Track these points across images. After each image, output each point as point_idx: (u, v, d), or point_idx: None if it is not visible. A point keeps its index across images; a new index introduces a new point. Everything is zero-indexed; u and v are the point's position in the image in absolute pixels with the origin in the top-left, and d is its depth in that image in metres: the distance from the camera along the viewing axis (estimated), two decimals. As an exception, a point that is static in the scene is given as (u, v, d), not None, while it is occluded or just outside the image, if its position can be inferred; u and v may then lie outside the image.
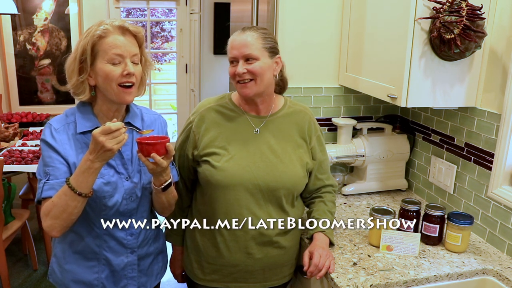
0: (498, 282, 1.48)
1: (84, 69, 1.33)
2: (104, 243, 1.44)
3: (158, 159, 1.29)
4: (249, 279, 1.57)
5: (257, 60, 1.45)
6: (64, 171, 1.33)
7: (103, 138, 1.21)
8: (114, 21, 1.33)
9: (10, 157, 2.87)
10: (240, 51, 1.45)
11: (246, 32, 1.47)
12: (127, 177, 1.41)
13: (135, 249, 1.49)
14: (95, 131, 1.23)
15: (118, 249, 1.46)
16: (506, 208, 1.59)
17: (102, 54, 1.31)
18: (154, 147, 1.29)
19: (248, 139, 1.53)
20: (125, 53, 1.32)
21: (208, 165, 1.51)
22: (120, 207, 1.41)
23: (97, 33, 1.30)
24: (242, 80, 1.47)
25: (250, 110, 1.56)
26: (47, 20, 4.53)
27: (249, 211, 1.50)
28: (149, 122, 1.50)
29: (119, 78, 1.32)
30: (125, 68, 1.32)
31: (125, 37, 1.33)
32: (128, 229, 1.45)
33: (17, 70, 4.55)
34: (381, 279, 1.42)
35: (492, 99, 1.64)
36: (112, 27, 1.31)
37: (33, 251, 3.16)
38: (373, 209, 1.63)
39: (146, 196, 1.47)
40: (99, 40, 1.30)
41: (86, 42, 1.30)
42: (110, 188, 1.38)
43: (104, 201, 1.38)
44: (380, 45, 1.77)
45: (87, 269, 1.46)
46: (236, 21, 2.71)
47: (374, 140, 2.06)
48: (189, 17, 4.97)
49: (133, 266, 1.49)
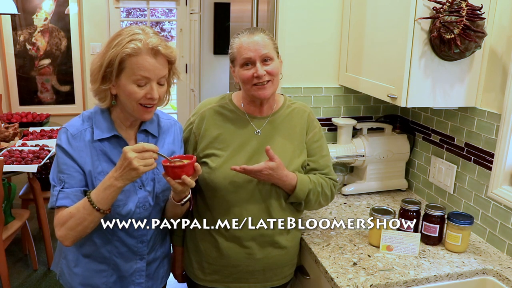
0: (498, 282, 1.48)
1: (108, 79, 1.28)
2: (115, 249, 1.43)
3: (188, 181, 1.28)
4: (249, 279, 1.57)
5: (272, 60, 1.45)
6: (79, 180, 1.31)
7: (132, 155, 1.19)
8: (148, 38, 1.26)
9: (10, 157, 2.86)
10: (258, 52, 1.43)
11: (255, 33, 1.46)
12: (140, 185, 1.39)
13: (145, 255, 1.48)
14: (126, 146, 1.21)
15: (128, 255, 1.45)
16: (506, 208, 1.59)
17: (129, 72, 1.26)
18: (183, 170, 1.27)
19: (248, 140, 1.53)
20: (153, 77, 1.27)
21: (206, 167, 1.50)
22: (133, 216, 1.39)
23: (127, 50, 1.23)
24: (261, 82, 1.45)
25: (252, 111, 1.56)
26: (47, 20, 4.53)
27: (248, 211, 1.50)
28: (166, 128, 1.48)
29: (142, 100, 1.29)
30: (149, 91, 1.28)
31: (156, 59, 1.27)
32: (139, 237, 1.44)
33: (17, 70, 4.55)
34: (381, 279, 1.42)
35: (492, 99, 1.64)
36: (144, 48, 1.24)
37: (33, 251, 3.16)
38: (373, 209, 1.63)
39: (158, 205, 1.45)
40: (128, 58, 1.24)
41: (115, 54, 1.24)
42: (123, 197, 1.36)
43: (118, 210, 1.36)
44: (380, 45, 1.77)
45: (96, 273, 1.45)
46: (236, 21, 2.71)
47: (374, 140, 2.06)
48: (189, 17, 4.97)
49: (141, 272, 1.49)
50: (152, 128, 1.44)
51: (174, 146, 1.49)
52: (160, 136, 1.46)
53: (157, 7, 6.94)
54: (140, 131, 1.41)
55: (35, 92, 4.65)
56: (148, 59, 1.25)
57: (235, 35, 1.51)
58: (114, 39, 1.27)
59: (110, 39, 1.29)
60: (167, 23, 9.29)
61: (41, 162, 2.81)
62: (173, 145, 1.49)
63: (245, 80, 1.46)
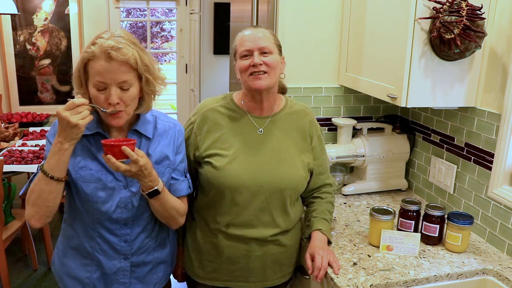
0: (498, 282, 1.48)
1: (80, 83, 1.31)
2: (97, 245, 1.43)
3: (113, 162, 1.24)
4: (249, 278, 1.57)
5: (271, 53, 1.48)
6: None
7: (66, 113, 1.19)
8: (106, 42, 1.24)
9: (10, 157, 2.87)
10: (256, 43, 1.46)
11: (258, 28, 1.52)
12: (125, 185, 1.39)
13: (129, 256, 1.46)
14: (58, 108, 1.21)
15: (111, 253, 1.44)
16: (506, 208, 1.59)
17: (90, 76, 1.28)
18: (110, 149, 1.25)
19: (251, 140, 1.53)
20: (108, 81, 1.25)
21: (210, 167, 1.50)
22: (113, 214, 1.38)
23: (85, 55, 1.25)
24: (256, 72, 1.46)
25: (253, 110, 1.56)
26: (47, 20, 4.53)
27: (250, 210, 1.50)
28: (162, 131, 1.45)
29: (104, 105, 1.28)
30: (107, 96, 1.27)
31: (110, 63, 1.24)
32: (121, 236, 1.43)
33: (17, 70, 4.54)
34: (381, 279, 1.42)
35: (492, 99, 1.64)
36: (98, 51, 1.23)
37: (33, 251, 3.16)
38: (373, 209, 1.63)
39: (143, 206, 1.42)
40: (88, 62, 1.26)
41: (81, 59, 1.27)
42: (104, 194, 1.36)
43: (96, 205, 1.37)
44: (380, 45, 1.78)
45: (81, 266, 1.46)
46: (236, 21, 2.71)
47: (374, 140, 2.06)
48: (189, 17, 4.97)
49: (125, 272, 1.47)
50: (146, 129, 1.41)
51: (168, 149, 1.45)
52: (154, 138, 1.43)
53: (157, 7, 6.94)
54: (131, 131, 1.40)
55: (35, 92, 4.65)
56: (101, 63, 1.24)
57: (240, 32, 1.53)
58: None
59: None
60: (167, 23, 9.30)
61: (41, 162, 2.81)
62: (167, 148, 1.45)
63: (242, 69, 1.48)
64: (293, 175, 1.53)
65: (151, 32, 9.36)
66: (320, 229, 1.57)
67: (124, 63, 1.25)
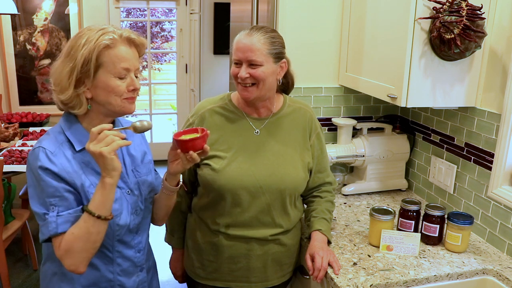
0: (498, 282, 1.48)
1: (82, 81, 1.19)
2: (118, 267, 1.35)
3: (195, 157, 1.26)
4: (250, 278, 1.57)
5: (261, 66, 1.43)
6: (73, 199, 1.21)
7: (89, 145, 1.13)
8: (119, 30, 1.21)
9: (10, 157, 2.87)
10: (245, 55, 1.42)
11: (253, 34, 1.43)
12: (128, 191, 1.33)
13: (144, 266, 1.42)
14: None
15: (131, 270, 1.38)
16: (506, 208, 1.59)
17: (109, 66, 1.18)
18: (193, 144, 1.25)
19: (249, 141, 1.53)
20: (132, 67, 1.22)
21: (209, 168, 1.50)
22: (131, 224, 1.33)
23: (104, 42, 1.16)
24: (243, 84, 1.46)
25: (250, 112, 1.56)
26: (47, 20, 4.53)
27: (251, 212, 1.50)
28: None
29: (125, 94, 1.22)
30: (131, 83, 1.22)
31: (131, 49, 1.23)
32: (135, 246, 1.38)
33: (17, 70, 4.54)
34: (381, 279, 1.42)
35: (492, 99, 1.64)
36: (119, 37, 1.19)
37: (33, 251, 3.16)
38: (373, 209, 1.63)
39: (147, 208, 1.40)
40: (105, 51, 1.17)
41: (90, 51, 1.16)
42: (118, 206, 1.28)
43: (116, 219, 1.28)
44: (380, 45, 1.77)
45: None
46: (236, 21, 2.71)
47: (374, 140, 2.06)
48: (189, 17, 4.97)
49: (144, 284, 1.43)
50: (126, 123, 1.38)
51: (145, 146, 1.44)
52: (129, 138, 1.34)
53: (157, 7, 6.93)
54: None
55: (35, 92, 4.65)
56: (126, 49, 1.21)
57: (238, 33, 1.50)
58: (78, 39, 1.19)
59: (73, 42, 1.20)
60: (167, 23, 9.28)
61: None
62: (143, 145, 1.44)
63: (233, 76, 1.48)
64: (293, 176, 1.52)
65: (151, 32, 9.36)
66: (320, 229, 1.57)
67: (140, 49, 1.26)
